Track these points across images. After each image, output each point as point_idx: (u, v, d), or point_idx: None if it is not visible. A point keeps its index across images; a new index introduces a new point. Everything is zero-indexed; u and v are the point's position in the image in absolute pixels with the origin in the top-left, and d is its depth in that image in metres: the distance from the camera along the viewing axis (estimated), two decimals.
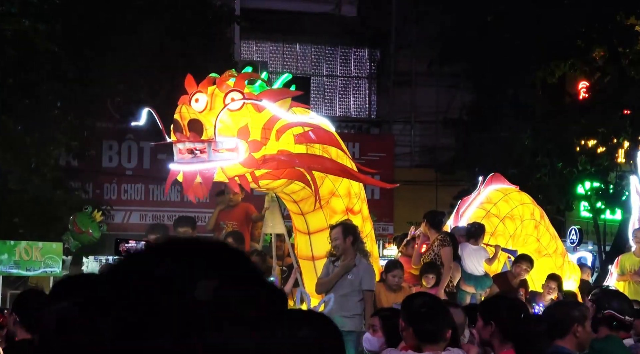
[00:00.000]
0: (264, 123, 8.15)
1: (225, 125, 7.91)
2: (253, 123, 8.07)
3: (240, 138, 7.97)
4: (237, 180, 8.11)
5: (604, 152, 17.06)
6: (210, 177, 7.93)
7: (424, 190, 19.14)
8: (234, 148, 7.95)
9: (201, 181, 7.99)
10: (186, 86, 8.25)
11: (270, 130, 8.16)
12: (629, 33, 17.01)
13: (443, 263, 9.74)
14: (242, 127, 7.98)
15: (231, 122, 7.97)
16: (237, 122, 7.99)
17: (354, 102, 21.61)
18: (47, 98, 11.52)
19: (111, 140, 17.23)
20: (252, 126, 8.05)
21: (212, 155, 7.84)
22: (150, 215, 17.25)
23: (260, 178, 8.30)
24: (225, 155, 7.92)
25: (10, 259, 10.65)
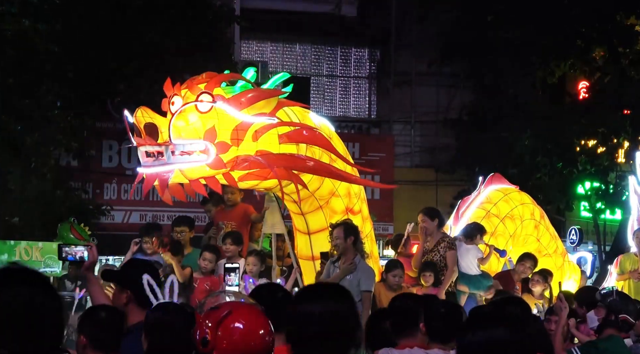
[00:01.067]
0: (237, 125, 8.12)
1: (194, 128, 7.96)
2: (221, 124, 8.06)
3: (206, 140, 7.99)
4: (203, 181, 8.14)
5: (604, 152, 17.06)
6: (165, 179, 7.98)
7: (424, 190, 19.15)
8: (204, 150, 7.97)
9: (158, 183, 8.04)
10: (165, 89, 8.30)
11: (244, 131, 8.14)
12: (629, 33, 17.01)
13: (447, 265, 9.73)
14: (208, 129, 8.00)
15: (200, 124, 8.00)
16: (205, 123, 8.01)
17: (354, 102, 21.61)
18: (47, 98, 11.51)
19: (111, 140, 17.23)
20: (219, 127, 8.04)
21: (170, 158, 7.88)
22: (150, 215, 17.25)
23: (241, 179, 8.30)
24: (194, 157, 7.95)
25: (10, 259, 10.66)
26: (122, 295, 4.91)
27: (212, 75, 8.31)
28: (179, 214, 13.76)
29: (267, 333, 3.36)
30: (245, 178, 8.33)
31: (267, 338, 3.36)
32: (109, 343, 4.45)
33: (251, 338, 3.31)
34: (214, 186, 8.21)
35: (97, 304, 5.14)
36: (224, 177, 8.20)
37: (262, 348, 3.34)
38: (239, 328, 3.29)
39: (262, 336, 3.33)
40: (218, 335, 3.25)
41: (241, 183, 8.47)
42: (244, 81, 8.49)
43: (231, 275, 7.30)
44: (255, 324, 3.34)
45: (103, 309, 4.62)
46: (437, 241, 9.90)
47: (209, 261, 9.31)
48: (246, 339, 3.30)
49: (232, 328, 3.27)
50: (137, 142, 7.96)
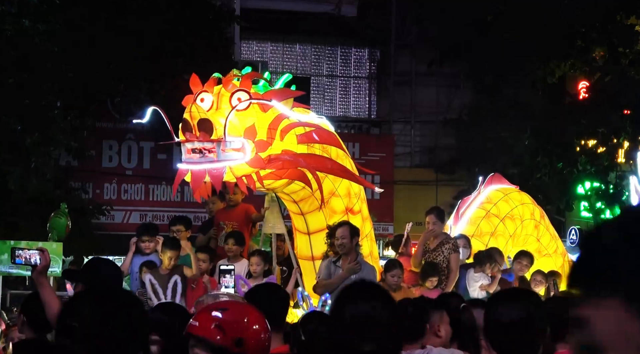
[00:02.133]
0: (269, 123, 8.16)
1: (233, 125, 7.92)
2: (259, 123, 8.09)
3: (246, 138, 7.98)
4: (245, 179, 8.12)
5: (604, 152, 17.06)
6: (219, 176, 7.94)
7: (424, 190, 19.16)
8: (240, 148, 7.96)
9: (209, 180, 8.00)
10: (191, 85, 8.26)
11: (275, 130, 8.18)
12: (629, 33, 17.01)
13: (451, 268, 9.73)
14: (249, 127, 7.99)
15: (238, 121, 7.99)
16: (244, 121, 8.00)
17: (354, 102, 21.61)
18: (47, 98, 11.51)
19: (111, 140, 17.25)
20: (258, 126, 8.06)
21: (220, 155, 7.86)
22: (150, 215, 17.26)
23: (264, 178, 8.32)
24: (232, 154, 7.93)
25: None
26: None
27: (232, 75, 8.33)
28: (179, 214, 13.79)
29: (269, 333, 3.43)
30: (266, 177, 8.34)
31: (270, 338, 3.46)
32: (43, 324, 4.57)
33: (266, 338, 3.37)
34: (252, 184, 8.21)
35: (51, 307, 5.17)
36: (255, 175, 8.21)
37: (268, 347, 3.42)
38: (259, 328, 3.35)
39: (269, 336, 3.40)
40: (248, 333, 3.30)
41: (257, 183, 8.45)
42: (264, 81, 8.55)
43: (226, 276, 7.30)
44: (265, 324, 3.41)
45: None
46: (441, 241, 9.88)
47: (203, 261, 9.31)
48: (265, 339, 3.37)
49: (256, 329, 3.33)
50: (188, 137, 7.90)
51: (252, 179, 8.15)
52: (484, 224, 11.18)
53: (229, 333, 3.26)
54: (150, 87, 13.01)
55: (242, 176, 8.06)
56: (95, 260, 5.42)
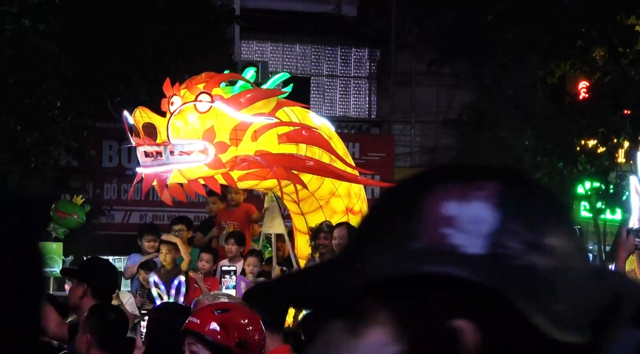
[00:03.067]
0: (236, 125, 8.12)
1: (192, 128, 7.97)
2: (220, 124, 8.07)
3: (205, 140, 7.99)
4: (202, 181, 8.14)
5: (604, 152, 17.04)
6: (163, 179, 7.98)
7: None
8: (203, 150, 7.97)
9: (157, 183, 8.04)
10: (164, 89, 8.31)
11: (243, 131, 8.14)
12: (630, 33, 16.99)
13: None
14: (207, 129, 8.01)
15: (199, 124, 8.01)
16: (204, 123, 8.03)
17: (354, 102, 21.61)
18: (47, 98, 11.50)
19: (111, 140, 17.23)
20: (218, 128, 8.05)
21: (169, 158, 7.88)
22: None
23: (240, 179, 8.31)
24: (193, 157, 7.96)
25: None
26: (78, 288, 4.97)
27: (211, 75, 8.32)
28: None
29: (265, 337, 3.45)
30: (244, 178, 8.34)
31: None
32: (116, 344, 4.45)
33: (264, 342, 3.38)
34: (213, 186, 8.23)
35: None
36: (223, 177, 8.21)
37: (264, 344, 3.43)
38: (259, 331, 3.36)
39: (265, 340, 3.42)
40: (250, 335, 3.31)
41: (240, 183, 8.48)
42: (243, 81, 8.50)
43: (225, 277, 7.30)
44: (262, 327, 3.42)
45: (112, 310, 4.63)
46: None
47: (206, 262, 9.31)
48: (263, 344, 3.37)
49: (256, 331, 3.34)
50: (136, 142, 7.97)
51: (214, 181, 8.18)
52: None
53: (232, 333, 3.26)
54: (150, 87, 12.99)
55: (197, 178, 8.08)
56: (92, 258, 5.46)
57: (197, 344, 3.29)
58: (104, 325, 4.42)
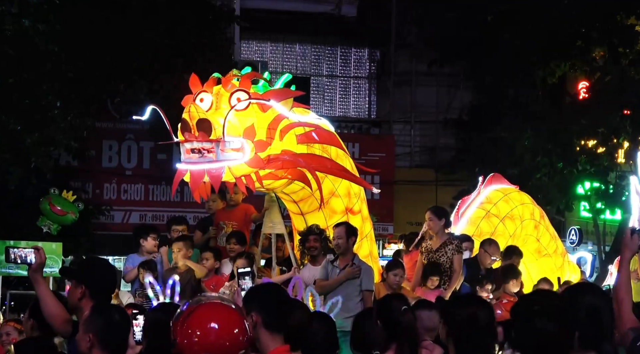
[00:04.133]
0: (269, 123, 8.15)
1: (232, 125, 7.92)
2: (258, 123, 8.08)
3: (246, 138, 7.97)
4: (244, 179, 8.11)
5: (604, 152, 17.04)
6: (218, 176, 7.93)
7: (424, 190, 19.15)
8: (239, 148, 7.95)
9: (208, 180, 7.99)
10: (190, 86, 8.25)
11: (274, 130, 8.17)
12: (629, 33, 17.00)
13: (454, 269, 9.70)
14: (248, 127, 7.98)
15: (237, 121, 7.98)
16: (243, 121, 8.00)
17: (354, 102, 21.61)
18: (47, 98, 11.49)
19: (111, 140, 17.24)
20: (257, 126, 8.05)
21: (219, 155, 7.84)
22: (150, 215, 17.26)
23: (263, 178, 8.31)
24: (232, 154, 7.92)
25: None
26: (77, 289, 4.95)
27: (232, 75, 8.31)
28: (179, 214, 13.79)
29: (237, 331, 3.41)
30: (265, 177, 8.33)
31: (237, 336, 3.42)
32: (118, 345, 4.44)
33: (216, 336, 3.35)
34: (251, 184, 8.20)
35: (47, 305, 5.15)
36: (255, 175, 8.19)
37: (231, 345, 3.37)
38: (203, 326, 3.34)
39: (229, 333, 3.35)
40: (183, 335, 3.31)
41: (256, 183, 8.44)
42: (263, 80, 8.53)
43: (245, 278, 7.26)
44: (221, 321, 3.37)
45: (115, 311, 4.60)
46: (444, 242, 9.85)
47: (207, 260, 9.31)
48: (208, 338, 3.35)
49: (195, 327, 3.33)
50: (187, 137, 7.89)
51: (252, 179, 8.14)
52: (483, 224, 11.17)
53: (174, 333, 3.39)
54: (150, 87, 13.00)
55: (241, 176, 8.05)
56: (90, 259, 5.43)
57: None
58: (106, 325, 4.41)
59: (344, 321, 7.02)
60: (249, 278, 7.26)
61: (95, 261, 5.46)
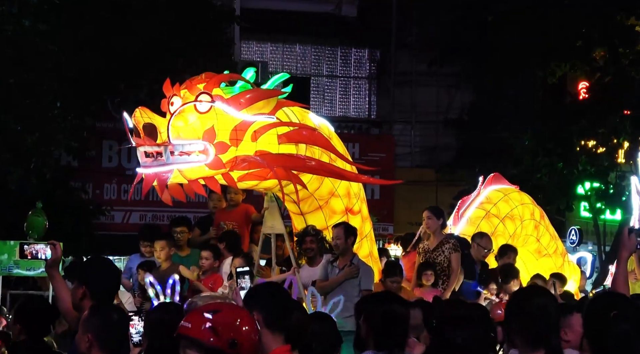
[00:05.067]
0: (236, 125, 8.10)
1: (192, 128, 7.94)
2: (220, 125, 8.03)
3: (205, 140, 7.97)
4: (202, 181, 8.12)
5: (604, 152, 17.05)
6: (164, 179, 7.95)
7: (424, 190, 19.15)
8: (203, 150, 7.95)
9: (157, 184, 8.01)
10: (164, 90, 8.28)
11: (243, 132, 8.12)
12: (630, 33, 17.00)
13: (452, 268, 9.70)
14: (207, 129, 7.97)
15: (199, 124, 7.97)
16: (204, 124, 7.98)
17: (354, 102, 21.61)
18: (47, 98, 11.49)
19: (111, 140, 17.23)
20: (218, 128, 8.01)
21: (170, 158, 7.85)
22: (150, 216, 17.26)
23: (240, 179, 8.28)
24: (193, 157, 7.93)
25: (10, 259, 10.66)
26: (78, 290, 4.94)
27: (211, 76, 8.30)
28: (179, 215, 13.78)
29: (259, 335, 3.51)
30: (244, 179, 8.32)
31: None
32: (116, 345, 4.43)
33: (257, 340, 3.43)
34: (213, 186, 8.21)
35: (62, 300, 5.15)
36: (223, 177, 8.19)
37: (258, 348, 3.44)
38: (251, 330, 3.37)
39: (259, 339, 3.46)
40: (245, 337, 3.32)
41: (240, 184, 8.46)
42: (243, 81, 8.48)
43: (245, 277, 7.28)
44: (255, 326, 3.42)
45: (113, 311, 4.59)
46: (441, 241, 9.86)
47: (206, 259, 9.31)
48: (256, 341, 3.42)
49: (248, 330, 3.35)
50: (136, 142, 7.94)
51: (214, 181, 8.13)
52: (483, 224, 11.16)
53: (223, 335, 3.27)
54: (150, 87, 12.99)
55: (197, 179, 8.05)
56: (92, 259, 5.38)
57: (191, 348, 3.30)
58: (105, 325, 4.41)
59: (344, 321, 7.02)
60: (248, 277, 7.28)
61: (96, 262, 5.41)
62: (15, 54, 10.85)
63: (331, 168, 8.88)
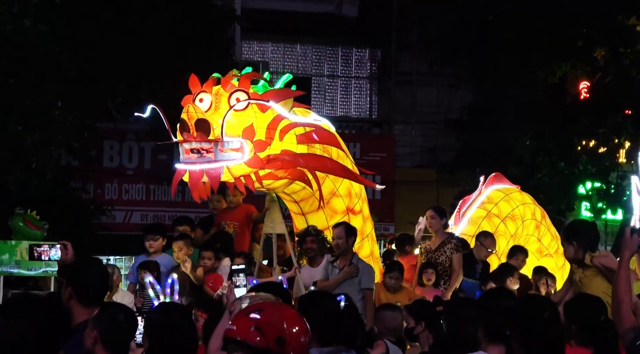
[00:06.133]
0: (268, 123, 8.14)
1: (231, 125, 7.91)
2: (258, 123, 8.07)
3: (245, 138, 7.97)
4: (243, 180, 8.11)
5: (605, 152, 17.05)
6: (217, 176, 7.92)
7: (425, 191, 19.13)
8: (238, 148, 7.94)
9: (207, 180, 7.98)
10: (190, 86, 8.24)
11: (274, 130, 8.16)
12: (630, 33, 17.00)
13: (454, 268, 9.70)
14: (247, 127, 7.98)
15: (236, 121, 7.97)
16: (242, 121, 7.99)
17: (355, 102, 21.60)
18: (47, 98, 11.49)
19: (112, 140, 17.23)
20: (256, 126, 8.04)
21: (218, 155, 7.84)
22: (151, 215, 17.25)
23: (263, 178, 8.30)
24: (231, 154, 7.92)
25: (11, 259, 10.65)
26: (66, 290, 4.91)
27: (231, 75, 8.30)
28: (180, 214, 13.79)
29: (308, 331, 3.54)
30: (265, 178, 8.33)
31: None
32: (120, 345, 4.43)
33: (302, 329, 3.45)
34: (250, 184, 8.20)
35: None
36: (254, 175, 8.19)
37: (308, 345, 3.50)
38: (298, 325, 3.39)
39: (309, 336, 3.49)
40: (292, 334, 3.33)
41: (257, 184, 8.44)
42: (263, 81, 8.52)
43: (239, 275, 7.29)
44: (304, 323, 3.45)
45: (121, 311, 4.59)
46: (443, 241, 9.86)
47: (208, 259, 9.31)
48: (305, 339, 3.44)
49: (294, 326, 3.37)
50: (186, 138, 7.89)
51: (251, 179, 8.14)
52: (484, 224, 11.16)
53: (268, 333, 3.29)
54: (151, 87, 12.99)
55: (240, 176, 8.05)
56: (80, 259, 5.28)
57: (239, 351, 3.32)
58: (110, 325, 4.40)
59: None
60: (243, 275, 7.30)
61: (83, 263, 5.28)
62: (16, 54, 10.85)
63: (346, 169, 8.96)
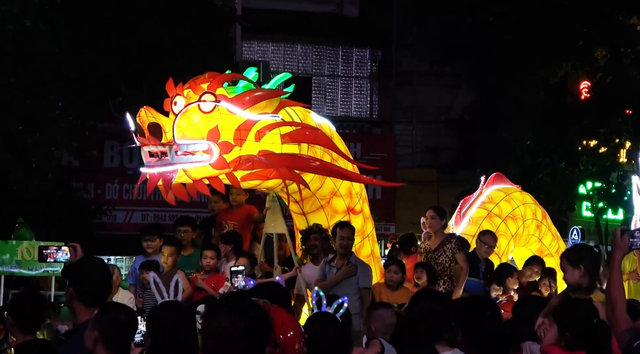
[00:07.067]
0: (240, 125, 8.09)
1: (196, 127, 7.94)
2: (224, 124, 8.03)
3: (209, 140, 7.96)
4: (207, 181, 8.11)
5: (606, 152, 17.04)
6: (169, 179, 7.94)
7: (426, 190, 19.13)
8: (207, 150, 7.94)
9: (162, 183, 8.00)
10: (167, 89, 8.27)
11: (247, 131, 8.11)
12: (631, 33, 16.98)
13: (461, 267, 9.69)
14: (211, 129, 7.97)
15: (203, 123, 7.97)
16: (208, 123, 7.99)
17: (356, 102, 21.61)
18: (48, 98, 11.50)
19: (113, 140, 17.22)
20: (222, 127, 8.01)
21: (174, 158, 7.84)
22: (152, 215, 17.24)
23: (243, 179, 8.29)
24: (197, 157, 7.92)
25: (12, 259, 10.67)
26: (68, 290, 4.91)
27: (214, 75, 8.30)
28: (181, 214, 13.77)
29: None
30: (247, 178, 8.32)
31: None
32: (121, 345, 4.42)
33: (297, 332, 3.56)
34: (217, 186, 8.20)
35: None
36: (227, 177, 8.19)
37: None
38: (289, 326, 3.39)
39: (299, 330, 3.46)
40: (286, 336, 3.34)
41: (243, 183, 8.47)
42: (246, 81, 8.48)
43: (238, 277, 7.30)
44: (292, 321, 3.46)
45: (121, 311, 4.58)
46: (442, 241, 9.85)
47: (210, 258, 9.32)
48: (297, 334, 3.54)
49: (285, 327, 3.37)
50: (141, 142, 7.93)
51: (218, 181, 8.13)
52: (485, 224, 11.16)
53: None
54: (152, 87, 12.99)
55: (202, 178, 8.04)
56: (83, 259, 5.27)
57: None
58: (111, 325, 4.40)
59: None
60: (242, 276, 7.31)
61: (85, 263, 5.26)
62: (16, 54, 10.85)
63: (333, 168, 8.89)
